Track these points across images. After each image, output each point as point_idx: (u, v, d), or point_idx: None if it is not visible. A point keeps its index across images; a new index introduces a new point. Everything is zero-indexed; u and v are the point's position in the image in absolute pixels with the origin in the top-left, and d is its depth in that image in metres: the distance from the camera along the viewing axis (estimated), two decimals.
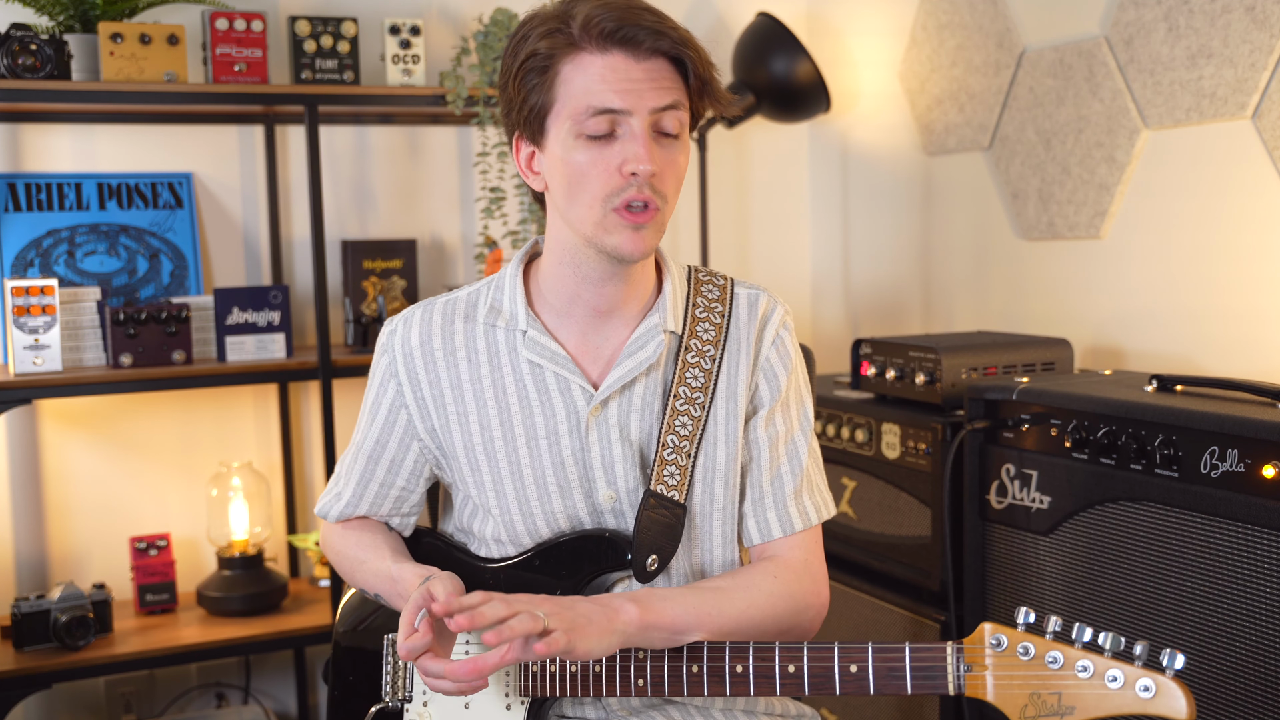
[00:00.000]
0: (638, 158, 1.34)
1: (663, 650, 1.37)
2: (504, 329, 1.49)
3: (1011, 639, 1.24)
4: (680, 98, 1.38)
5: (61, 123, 2.73)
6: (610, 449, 1.46)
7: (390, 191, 3.01)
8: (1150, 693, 1.18)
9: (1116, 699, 1.20)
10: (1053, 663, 1.22)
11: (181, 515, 2.86)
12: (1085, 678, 1.21)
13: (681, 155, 1.40)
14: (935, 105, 2.92)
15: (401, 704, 1.50)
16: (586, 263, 1.44)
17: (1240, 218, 2.21)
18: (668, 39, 1.35)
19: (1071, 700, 1.21)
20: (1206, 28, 2.22)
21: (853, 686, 1.30)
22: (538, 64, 1.37)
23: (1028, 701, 1.23)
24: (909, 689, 1.28)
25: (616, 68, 1.34)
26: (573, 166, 1.37)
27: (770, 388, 1.52)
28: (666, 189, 1.39)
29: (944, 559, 2.21)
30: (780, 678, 1.33)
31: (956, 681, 1.26)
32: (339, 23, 2.69)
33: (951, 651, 1.26)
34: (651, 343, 1.47)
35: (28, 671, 2.44)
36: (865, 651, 1.30)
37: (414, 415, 1.52)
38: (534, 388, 1.48)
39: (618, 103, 1.34)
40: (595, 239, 1.39)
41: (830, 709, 2.55)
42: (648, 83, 1.35)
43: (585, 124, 1.35)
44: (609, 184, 1.36)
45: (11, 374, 2.45)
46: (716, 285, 1.55)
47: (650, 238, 1.39)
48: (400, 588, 1.45)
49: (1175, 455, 1.80)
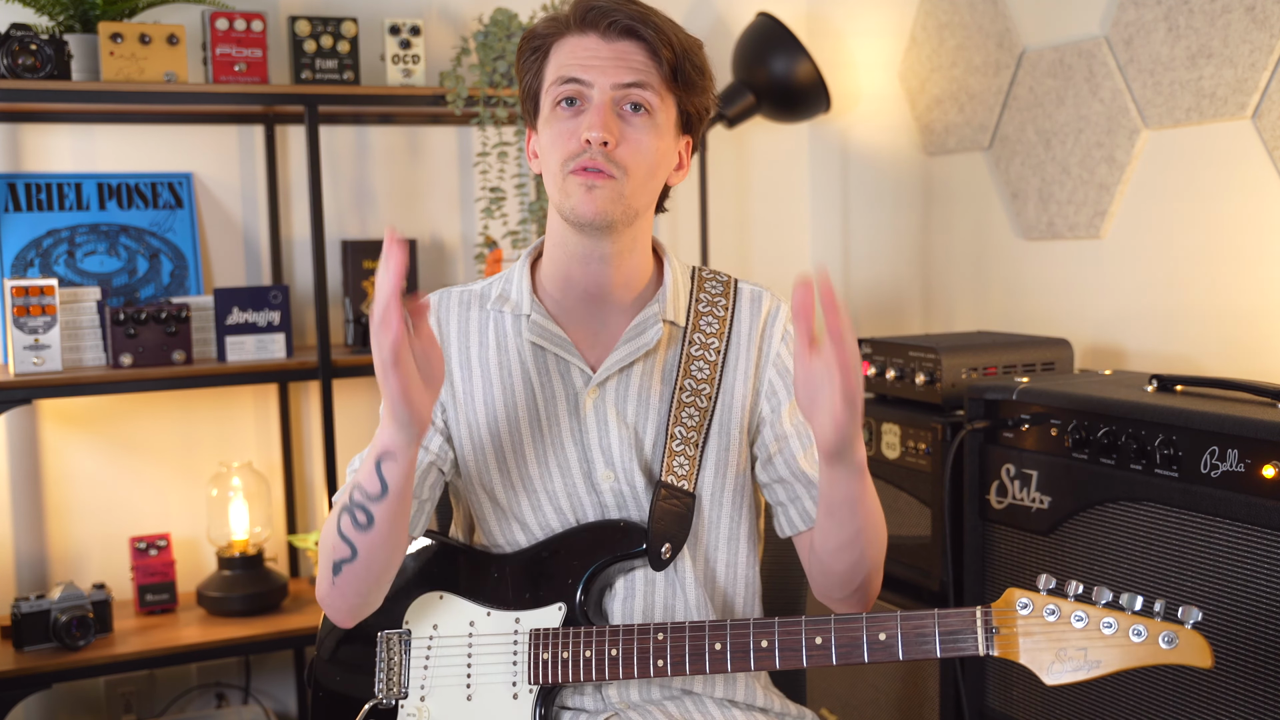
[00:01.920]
0: (591, 125, 1.41)
1: (683, 629, 1.40)
2: (510, 314, 1.55)
3: (1037, 602, 1.30)
4: (649, 80, 1.44)
5: (61, 123, 2.73)
6: (607, 430, 1.50)
7: (390, 191, 3.01)
8: (1173, 643, 1.25)
9: (1140, 650, 1.26)
10: (1079, 621, 1.28)
11: (181, 515, 2.86)
12: (1110, 633, 1.27)
13: (649, 136, 1.44)
14: (935, 105, 2.92)
15: (397, 701, 1.50)
16: (569, 239, 1.49)
17: (1240, 218, 2.21)
18: (636, 21, 1.43)
19: (1098, 655, 1.27)
20: (1206, 28, 2.22)
21: (881, 654, 1.34)
22: (533, 45, 1.48)
23: (1055, 659, 1.28)
24: (938, 652, 1.31)
25: (589, 45, 1.44)
26: (546, 137, 1.46)
27: (786, 381, 1.56)
28: (626, 162, 1.43)
29: (944, 559, 2.21)
30: (807, 649, 1.36)
31: (986, 644, 1.30)
32: (339, 23, 2.69)
33: (980, 615, 1.31)
34: (650, 329, 1.51)
35: (28, 671, 2.44)
36: (894, 620, 1.33)
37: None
38: (535, 370, 1.52)
39: (581, 74, 1.43)
40: (560, 206, 1.45)
41: (830, 708, 2.55)
42: (613, 60, 1.43)
43: (556, 95, 1.44)
44: (568, 149, 1.43)
45: (11, 374, 2.45)
46: (720, 281, 1.59)
47: (603, 200, 1.42)
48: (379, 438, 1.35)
49: (1175, 455, 1.80)
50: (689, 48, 1.46)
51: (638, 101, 1.43)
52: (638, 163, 1.43)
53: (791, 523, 1.57)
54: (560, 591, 1.48)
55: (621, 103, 1.43)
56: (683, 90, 1.46)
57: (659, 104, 1.44)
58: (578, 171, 1.42)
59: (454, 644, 1.49)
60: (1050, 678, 1.28)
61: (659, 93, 1.44)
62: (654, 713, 1.49)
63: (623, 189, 1.43)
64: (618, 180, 1.42)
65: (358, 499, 1.36)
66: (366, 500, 1.36)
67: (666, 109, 1.46)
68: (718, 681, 1.53)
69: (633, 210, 1.45)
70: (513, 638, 1.47)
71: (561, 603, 1.47)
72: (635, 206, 1.45)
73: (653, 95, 1.44)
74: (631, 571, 1.51)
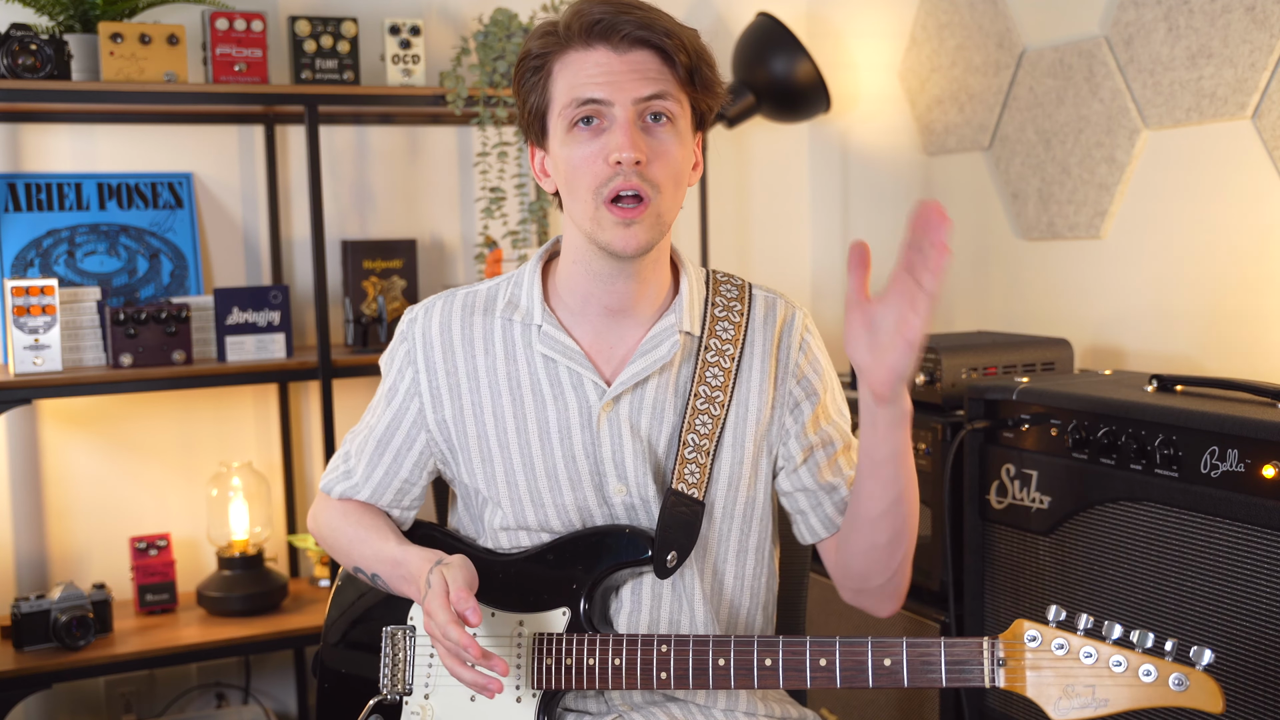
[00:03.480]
0: (619, 145, 1.36)
1: (687, 643, 1.39)
2: (520, 323, 1.51)
3: (1045, 635, 1.27)
4: (668, 88, 1.39)
5: (61, 123, 2.73)
6: (621, 444, 1.48)
7: (390, 191, 3.01)
8: (1183, 686, 1.22)
9: (1150, 691, 1.23)
10: (1087, 658, 1.25)
11: (181, 515, 2.86)
12: (1120, 672, 1.24)
13: (675, 146, 1.41)
14: (935, 105, 2.92)
15: (401, 697, 1.50)
16: (594, 261, 1.45)
17: (1240, 217, 2.20)
18: (646, 29, 1.38)
19: (1105, 694, 1.25)
20: (1206, 28, 2.22)
21: (886, 680, 1.32)
22: (532, 64, 1.42)
23: (1061, 694, 1.26)
24: (943, 682, 1.30)
25: (599, 61, 1.38)
26: (567, 162, 1.41)
27: (807, 391, 1.55)
28: (658, 178, 1.39)
29: (944, 559, 2.21)
30: (811, 671, 1.35)
31: (992, 675, 1.28)
32: (339, 23, 2.69)
33: (987, 646, 1.29)
34: (666, 342, 1.49)
35: (28, 671, 2.44)
36: (899, 646, 1.32)
37: (425, 404, 1.53)
38: (547, 381, 1.49)
39: (599, 93, 1.37)
40: (592, 235, 1.41)
41: (830, 709, 2.55)
42: (629, 73, 1.38)
43: (572, 116, 1.39)
44: (598, 174, 1.38)
45: (11, 374, 2.45)
46: (734, 285, 1.57)
47: (642, 233, 1.39)
48: (404, 570, 1.46)
49: (1175, 455, 1.80)
50: (699, 47, 1.43)
51: (659, 111, 1.39)
52: (668, 175, 1.40)
53: (813, 529, 1.55)
54: (565, 596, 1.46)
55: (643, 115, 1.39)
56: (699, 91, 1.43)
57: (679, 110, 1.41)
58: (610, 206, 1.38)
59: None
60: (1056, 713, 1.26)
61: (677, 99, 1.40)
62: (657, 714, 1.49)
63: (659, 208, 1.40)
64: (653, 201, 1.39)
65: (367, 572, 1.55)
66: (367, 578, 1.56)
67: (684, 113, 1.42)
68: (720, 691, 1.51)
69: (666, 225, 1.43)
70: (516, 640, 1.47)
71: (566, 607, 1.46)
72: (668, 221, 1.43)
73: (673, 103, 1.40)
74: (638, 578, 1.49)
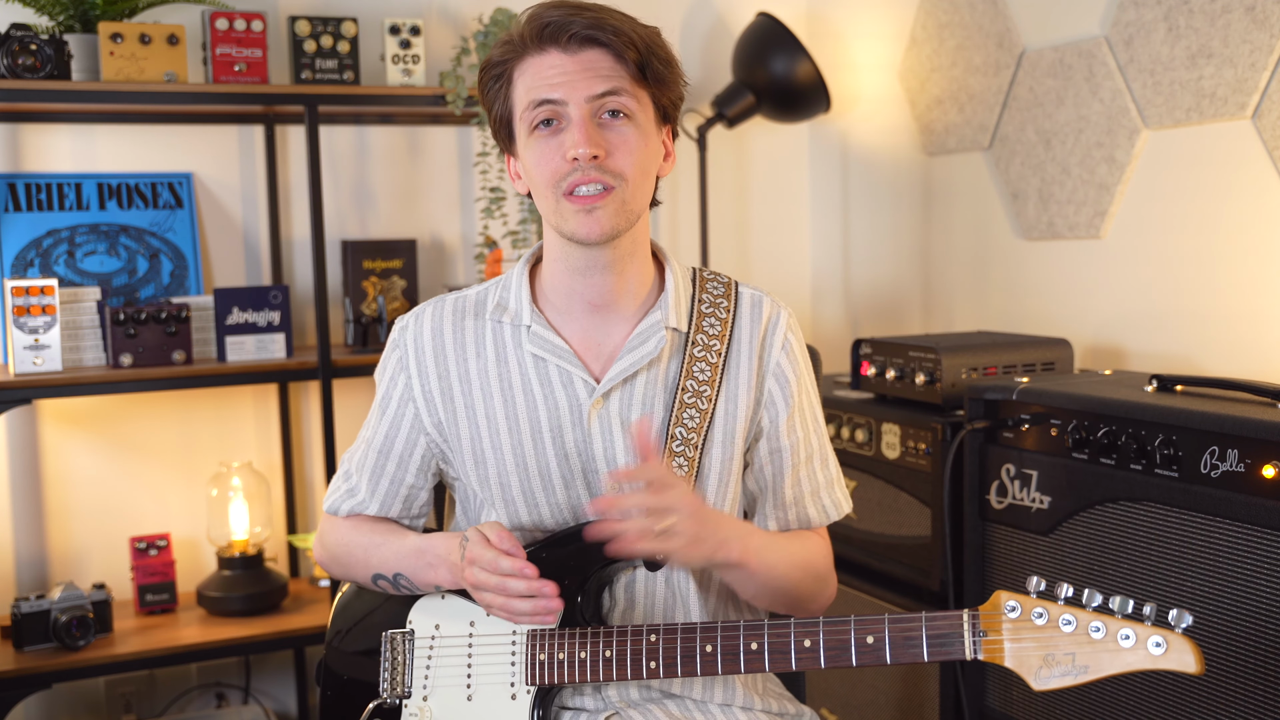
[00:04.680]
0: (575, 142, 1.40)
1: (675, 632, 1.40)
2: (509, 324, 1.54)
3: (1025, 605, 1.28)
4: (622, 84, 1.43)
5: (61, 123, 2.73)
6: (612, 440, 1.50)
7: (390, 191, 3.01)
8: (1162, 648, 1.22)
9: (1129, 656, 1.24)
10: (1067, 625, 1.26)
11: (181, 515, 2.86)
12: (1099, 638, 1.25)
13: (634, 138, 1.44)
14: (935, 105, 2.92)
15: (400, 700, 1.51)
16: (570, 255, 1.49)
17: (1240, 217, 2.21)
18: (595, 28, 1.41)
19: (1086, 660, 1.25)
20: (1206, 28, 2.22)
21: (869, 658, 1.33)
22: (494, 73, 1.47)
23: (1042, 663, 1.26)
24: (925, 656, 1.31)
25: (553, 63, 1.43)
26: (532, 163, 1.45)
27: (784, 392, 1.56)
28: (620, 168, 1.43)
29: (944, 559, 2.21)
30: (796, 652, 1.36)
31: (973, 647, 1.29)
32: (339, 23, 2.69)
33: (967, 618, 1.30)
34: (653, 338, 1.50)
35: (28, 671, 2.44)
36: (881, 623, 1.33)
37: (421, 409, 1.55)
38: (537, 381, 1.51)
39: (553, 93, 1.42)
40: (558, 227, 1.45)
41: (830, 708, 2.55)
42: (581, 73, 1.42)
43: (532, 119, 1.43)
44: (556, 171, 1.43)
45: (11, 374, 2.45)
46: (720, 283, 1.59)
47: (605, 219, 1.42)
48: (430, 555, 1.49)
49: (1175, 455, 1.80)
50: (652, 42, 1.45)
51: (615, 108, 1.43)
52: (631, 164, 1.43)
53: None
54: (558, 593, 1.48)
55: (599, 112, 1.42)
56: (654, 86, 1.46)
57: (636, 105, 1.44)
58: (571, 196, 1.42)
59: (455, 644, 1.50)
60: (1038, 683, 1.26)
61: (633, 94, 1.43)
62: (654, 712, 1.49)
63: (624, 195, 1.43)
64: (618, 189, 1.42)
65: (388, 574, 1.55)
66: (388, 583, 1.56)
67: (644, 107, 1.45)
68: (716, 686, 1.53)
69: (634, 213, 1.46)
70: (510, 638, 1.48)
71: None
72: (636, 210, 1.46)
73: (628, 99, 1.43)
74: (631, 572, 1.51)
